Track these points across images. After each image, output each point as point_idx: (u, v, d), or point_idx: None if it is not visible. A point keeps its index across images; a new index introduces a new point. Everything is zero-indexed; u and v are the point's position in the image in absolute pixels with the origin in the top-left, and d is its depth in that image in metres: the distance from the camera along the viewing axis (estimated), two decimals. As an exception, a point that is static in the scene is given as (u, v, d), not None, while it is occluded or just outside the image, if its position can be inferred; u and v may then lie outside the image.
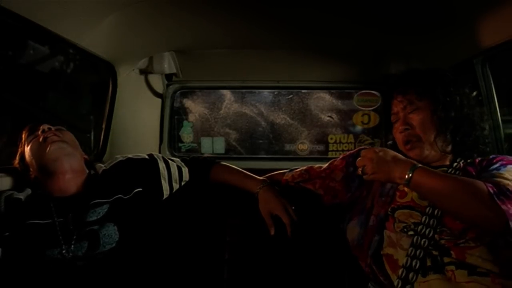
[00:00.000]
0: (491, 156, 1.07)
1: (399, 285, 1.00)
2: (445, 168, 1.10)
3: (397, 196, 1.11)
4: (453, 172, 1.08)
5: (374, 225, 1.12)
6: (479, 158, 1.09)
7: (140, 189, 1.21)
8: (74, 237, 1.06)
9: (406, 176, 0.97)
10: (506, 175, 0.95)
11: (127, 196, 1.18)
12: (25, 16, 1.08)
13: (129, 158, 1.29)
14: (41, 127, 1.18)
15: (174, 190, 1.32)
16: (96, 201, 1.13)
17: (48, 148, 1.13)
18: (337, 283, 1.35)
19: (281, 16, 1.35)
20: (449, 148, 1.12)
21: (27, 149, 1.19)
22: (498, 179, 0.93)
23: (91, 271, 1.04)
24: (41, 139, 1.15)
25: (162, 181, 1.28)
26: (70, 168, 1.16)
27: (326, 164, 1.33)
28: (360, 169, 1.06)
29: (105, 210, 1.12)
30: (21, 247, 1.04)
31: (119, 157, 1.31)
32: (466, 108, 1.10)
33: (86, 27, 1.29)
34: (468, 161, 1.10)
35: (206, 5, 1.28)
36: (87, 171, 1.23)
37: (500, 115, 1.44)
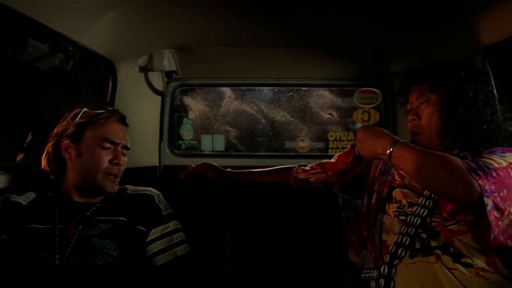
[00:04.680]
0: (497, 148, 1.05)
1: (387, 259, 1.03)
2: None
3: (396, 175, 1.14)
4: None
5: (376, 203, 1.15)
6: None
7: (144, 229, 1.17)
8: (71, 245, 1.04)
9: (388, 151, 0.99)
10: (495, 157, 0.95)
11: (130, 225, 1.14)
12: (25, 14, 1.07)
13: (155, 204, 1.21)
14: (123, 143, 1.16)
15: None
16: (101, 218, 1.11)
17: (107, 181, 1.12)
18: (337, 280, 1.35)
19: (281, 14, 1.35)
20: (454, 144, 1.10)
21: (93, 143, 1.11)
22: (483, 159, 0.94)
23: (84, 280, 1.01)
24: (114, 162, 1.12)
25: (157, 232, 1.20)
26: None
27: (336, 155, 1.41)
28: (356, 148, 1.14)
29: (108, 226, 1.10)
30: (16, 250, 1.02)
31: (148, 191, 1.24)
32: (481, 105, 1.07)
33: (85, 24, 1.29)
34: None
35: (206, 3, 1.28)
36: None
37: (501, 113, 1.44)
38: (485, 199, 0.86)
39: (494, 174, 0.89)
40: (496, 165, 0.91)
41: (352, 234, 1.27)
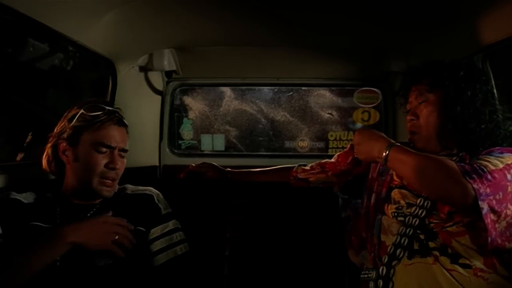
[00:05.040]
0: (496, 148, 1.04)
1: (386, 260, 1.03)
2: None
3: (394, 176, 1.14)
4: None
5: (375, 204, 1.16)
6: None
7: (144, 229, 1.17)
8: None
9: (384, 154, 1.00)
10: (491, 158, 0.94)
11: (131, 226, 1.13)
12: (25, 13, 1.07)
13: (154, 203, 1.21)
14: (120, 146, 1.13)
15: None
16: None
17: (103, 187, 1.10)
18: (337, 280, 1.35)
19: (281, 13, 1.35)
20: (453, 144, 1.10)
21: (89, 147, 1.09)
22: (480, 161, 0.94)
23: (85, 281, 1.01)
24: (110, 166, 1.10)
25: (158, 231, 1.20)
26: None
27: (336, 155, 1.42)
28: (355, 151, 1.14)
29: None
30: (18, 247, 1.00)
31: (147, 191, 1.24)
32: (479, 104, 1.06)
33: (85, 24, 1.29)
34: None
35: (206, 3, 1.28)
36: None
37: (500, 112, 1.43)
38: (480, 202, 0.86)
39: (489, 177, 0.89)
40: (492, 167, 0.91)
41: (352, 234, 1.27)
